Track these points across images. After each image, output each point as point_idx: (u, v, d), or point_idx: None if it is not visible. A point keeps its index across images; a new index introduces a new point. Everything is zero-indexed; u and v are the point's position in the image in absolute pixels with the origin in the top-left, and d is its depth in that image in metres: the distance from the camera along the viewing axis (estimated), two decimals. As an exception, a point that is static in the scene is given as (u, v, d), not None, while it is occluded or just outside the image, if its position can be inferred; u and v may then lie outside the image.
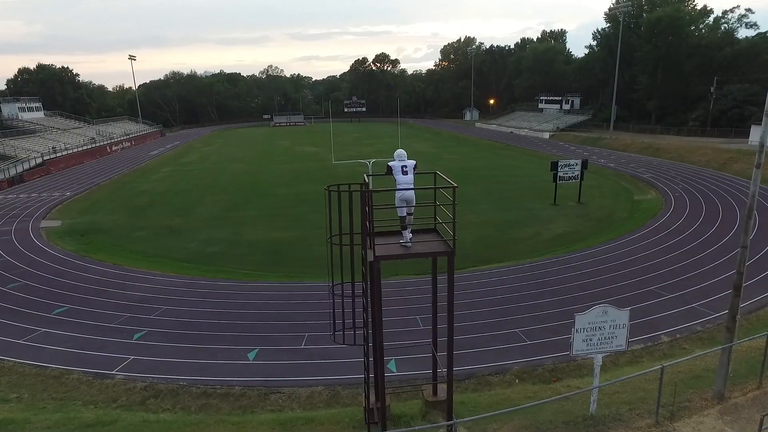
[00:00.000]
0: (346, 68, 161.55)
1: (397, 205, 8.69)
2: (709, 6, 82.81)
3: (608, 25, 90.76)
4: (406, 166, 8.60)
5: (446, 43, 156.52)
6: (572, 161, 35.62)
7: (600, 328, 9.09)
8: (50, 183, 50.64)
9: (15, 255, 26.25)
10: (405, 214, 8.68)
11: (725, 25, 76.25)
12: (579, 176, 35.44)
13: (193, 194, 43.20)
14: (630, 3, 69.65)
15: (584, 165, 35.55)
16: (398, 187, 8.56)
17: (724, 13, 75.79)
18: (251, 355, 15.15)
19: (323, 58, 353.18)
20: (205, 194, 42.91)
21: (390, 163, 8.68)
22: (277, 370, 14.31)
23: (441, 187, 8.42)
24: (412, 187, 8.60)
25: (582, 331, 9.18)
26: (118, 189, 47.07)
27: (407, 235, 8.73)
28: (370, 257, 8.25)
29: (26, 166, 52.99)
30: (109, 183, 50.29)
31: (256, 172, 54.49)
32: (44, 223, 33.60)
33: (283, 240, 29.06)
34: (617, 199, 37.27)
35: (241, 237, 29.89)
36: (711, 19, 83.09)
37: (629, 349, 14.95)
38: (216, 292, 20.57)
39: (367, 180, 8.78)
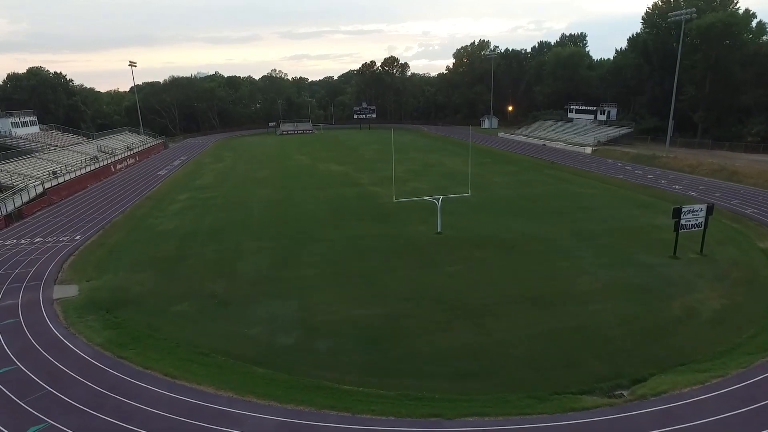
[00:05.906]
0: (338, 67, 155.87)
1: None
2: (752, 10, 77.91)
3: (645, 29, 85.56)
4: None
5: (460, 46, 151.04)
6: (696, 207, 29.78)
7: None
8: (54, 218, 43.77)
9: (29, 358, 19.75)
10: None
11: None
12: (703, 224, 29.69)
13: (226, 237, 36.73)
14: (694, 9, 63.73)
15: (710, 211, 29.75)
16: None
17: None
18: None
19: (314, 57, 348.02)
20: (241, 238, 36.40)
21: None
22: None
23: None
24: None
25: None
26: (135, 229, 40.34)
27: None
28: None
29: (25, 197, 46.03)
30: (123, 219, 43.46)
31: (288, 202, 48.01)
32: (57, 291, 27.03)
33: (369, 321, 22.83)
34: (740, 248, 31.46)
35: (314, 317, 23.59)
36: (754, 23, 78.37)
37: None
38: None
39: None
